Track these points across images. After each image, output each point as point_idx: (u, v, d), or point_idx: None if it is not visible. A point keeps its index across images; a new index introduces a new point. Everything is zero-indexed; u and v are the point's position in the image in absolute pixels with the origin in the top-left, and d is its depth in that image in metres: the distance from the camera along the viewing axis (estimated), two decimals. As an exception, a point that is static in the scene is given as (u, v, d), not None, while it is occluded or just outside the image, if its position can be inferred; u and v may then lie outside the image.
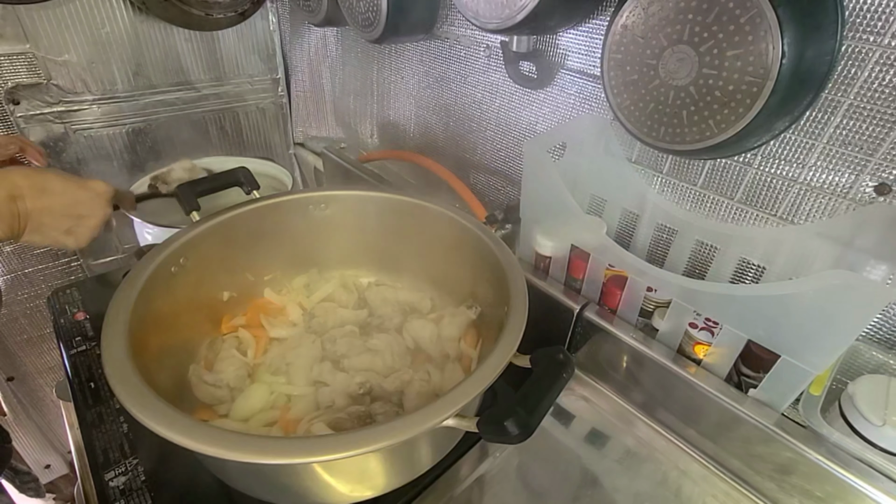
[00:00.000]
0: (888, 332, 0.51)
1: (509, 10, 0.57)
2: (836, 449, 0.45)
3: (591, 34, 0.63)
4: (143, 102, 1.00)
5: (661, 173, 0.63)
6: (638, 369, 0.59)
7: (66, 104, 0.91)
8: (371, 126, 1.10)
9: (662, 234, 0.66)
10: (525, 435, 0.35)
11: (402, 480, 0.47)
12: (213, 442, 0.33)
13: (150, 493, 0.50)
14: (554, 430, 0.60)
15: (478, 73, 0.81)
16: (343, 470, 0.42)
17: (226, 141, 1.16)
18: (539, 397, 0.37)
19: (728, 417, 0.51)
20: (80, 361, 0.64)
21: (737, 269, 0.59)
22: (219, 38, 1.04)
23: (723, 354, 0.52)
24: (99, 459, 0.53)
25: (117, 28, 0.91)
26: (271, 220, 0.63)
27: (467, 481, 0.54)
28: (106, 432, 0.56)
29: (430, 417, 0.35)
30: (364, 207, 0.67)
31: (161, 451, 0.53)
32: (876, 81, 0.45)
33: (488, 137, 0.85)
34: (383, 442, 0.34)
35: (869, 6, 0.43)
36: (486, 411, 0.36)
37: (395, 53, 0.95)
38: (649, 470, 0.55)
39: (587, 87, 0.66)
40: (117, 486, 0.51)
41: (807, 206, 0.53)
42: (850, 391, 0.46)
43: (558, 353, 0.41)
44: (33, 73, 0.86)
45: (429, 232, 0.63)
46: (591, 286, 0.62)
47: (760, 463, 0.51)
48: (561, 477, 0.55)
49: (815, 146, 0.50)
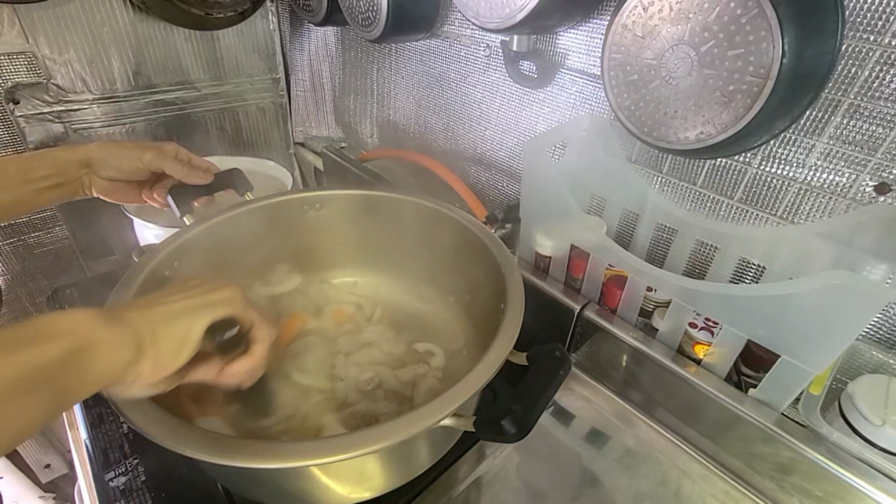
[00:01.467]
0: (888, 332, 0.51)
1: (509, 9, 0.57)
2: (835, 448, 0.45)
3: (591, 34, 0.63)
4: (142, 102, 1.00)
5: (660, 173, 0.63)
6: (638, 369, 0.59)
7: (65, 103, 0.91)
8: (371, 125, 1.10)
9: (662, 234, 0.66)
10: (522, 434, 0.35)
11: (400, 481, 0.46)
12: (208, 448, 0.33)
13: (150, 493, 0.50)
14: (554, 429, 0.60)
15: (478, 73, 0.80)
16: (340, 472, 0.42)
17: (226, 140, 1.15)
18: (536, 395, 0.37)
19: (728, 417, 0.51)
20: (80, 361, 0.64)
21: (737, 268, 0.59)
22: (219, 37, 1.04)
23: (722, 354, 0.52)
24: (99, 459, 0.53)
25: (117, 27, 0.91)
26: (265, 222, 0.63)
27: (466, 481, 0.54)
28: (106, 432, 0.56)
29: (427, 417, 0.35)
30: (360, 207, 0.66)
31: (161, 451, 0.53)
32: (876, 81, 0.45)
33: (488, 137, 0.85)
34: (379, 444, 0.33)
35: (869, 6, 0.43)
36: (483, 410, 0.36)
37: (395, 53, 0.95)
38: (649, 469, 0.55)
39: (587, 86, 0.66)
40: (117, 486, 0.51)
41: (807, 206, 0.53)
42: (850, 391, 0.46)
43: (555, 351, 0.41)
44: (33, 73, 0.86)
45: (425, 231, 0.63)
46: (590, 286, 0.62)
47: (760, 462, 0.51)
48: (561, 477, 0.55)
49: (815, 146, 0.50)
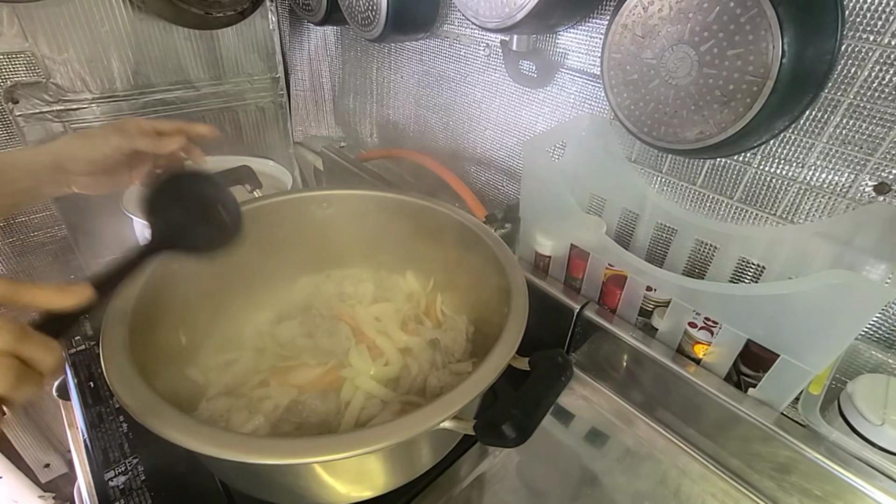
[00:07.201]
0: (887, 332, 0.51)
1: (509, 8, 0.57)
2: (835, 448, 0.45)
3: (591, 33, 0.63)
4: (142, 101, 1.00)
5: (660, 173, 0.63)
6: (637, 368, 0.59)
7: (65, 103, 0.91)
8: (371, 125, 1.10)
9: (662, 234, 0.66)
10: (522, 439, 0.35)
11: (401, 480, 0.47)
12: (212, 442, 0.33)
13: (150, 493, 0.50)
14: (553, 429, 0.60)
15: (477, 72, 0.80)
16: (342, 470, 0.42)
17: (225, 140, 1.15)
18: (537, 401, 0.37)
19: (727, 416, 0.51)
20: (80, 361, 0.64)
21: (736, 268, 0.59)
22: (218, 36, 1.04)
23: (722, 354, 0.52)
24: (99, 459, 0.53)
25: (116, 27, 0.91)
26: (273, 219, 0.63)
27: (466, 481, 0.54)
28: (106, 432, 0.56)
29: (428, 419, 0.35)
30: (366, 207, 0.66)
31: (161, 450, 0.53)
32: (876, 81, 0.45)
33: (488, 136, 0.85)
34: (381, 443, 0.34)
35: (869, 5, 0.43)
36: (484, 414, 0.36)
37: (394, 52, 0.94)
38: (649, 469, 0.55)
39: (587, 86, 0.66)
40: (117, 486, 0.51)
41: (806, 206, 0.53)
42: (850, 390, 0.46)
43: (557, 357, 0.40)
44: (32, 72, 0.86)
45: (430, 232, 0.63)
46: (590, 285, 0.62)
47: (760, 462, 0.51)
48: (560, 476, 0.55)
49: (815, 145, 0.50)
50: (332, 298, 0.66)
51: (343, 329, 0.60)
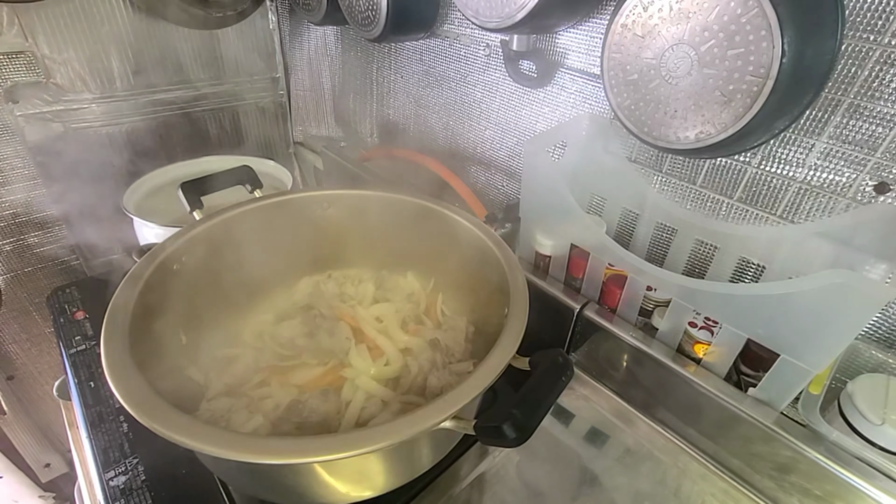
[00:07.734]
0: (887, 331, 0.51)
1: (509, 8, 0.57)
2: (835, 448, 0.45)
3: (591, 33, 0.63)
4: (142, 101, 1.00)
5: (660, 172, 0.63)
6: (637, 368, 0.59)
7: (65, 103, 0.91)
8: (371, 125, 1.10)
9: (662, 234, 0.66)
10: (522, 439, 0.35)
11: (401, 480, 0.47)
12: (213, 442, 0.33)
13: (150, 493, 0.50)
14: (553, 429, 0.60)
15: (477, 72, 0.80)
16: (342, 470, 0.42)
17: (225, 140, 1.15)
18: (537, 401, 0.37)
19: (727, 416, 0.51)
20: (80, 361, 0.64)
21: (736, 268, 0.59)
22: (218, 36, 1.04)
23: (722, 353, 0.52)
24: (99, 459, 0.53)
25: (116, 27, 0.91)
26: (274, 219, 0.63)
27: (467, 480, 0.54)
28: (106, 432, 0.56)
29: (428, 419, 0.35)
30: (366, 207, 0.66)
31: (161, 450, 0.53)
32: (876, 80, 0.45)
33: (488, 136, 0.85)
34: (381, 443, 0.33)
35: (869, 5, 0.43)
36: (484, 414, 0.36)
37: (394, 52, 0.94)
38: (649, 469, 0.55)
39: (587, 85, 0.66)
40: (117, 486, 0.51)
41: (806, 205, 0.53)
42: (850, 390, 0.46)
43: (557, 356, 0.40)
44: (32, 72, 0.86)
45: (431, 232, 0.62)
46: (590, 285, 0.62)
47: (760, 462, 0.51)
48: (560, 476, 0.55)
49: (815, 145, 0.50)
50: (332, 298, 0.66)
51: (343, 329, 0.60)
